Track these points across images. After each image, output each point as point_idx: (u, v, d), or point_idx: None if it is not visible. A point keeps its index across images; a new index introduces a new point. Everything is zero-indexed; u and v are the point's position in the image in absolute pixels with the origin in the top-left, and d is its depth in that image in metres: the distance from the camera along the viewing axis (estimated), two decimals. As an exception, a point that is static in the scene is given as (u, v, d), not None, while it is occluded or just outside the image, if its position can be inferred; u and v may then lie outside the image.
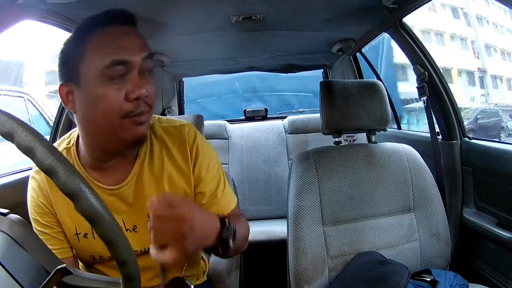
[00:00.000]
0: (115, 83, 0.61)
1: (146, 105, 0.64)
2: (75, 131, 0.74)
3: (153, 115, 0.75)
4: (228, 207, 0.78)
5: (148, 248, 0.66)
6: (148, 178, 0.72)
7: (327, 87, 1.10)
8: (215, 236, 0.61)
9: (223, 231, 0.62)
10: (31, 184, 0.73)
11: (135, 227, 0.73)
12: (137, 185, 0.72)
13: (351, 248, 1.01)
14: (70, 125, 1.33)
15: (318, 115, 1.15)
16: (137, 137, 0.66)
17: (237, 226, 0.66)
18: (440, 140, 1.33)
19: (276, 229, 1.71)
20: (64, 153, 0.72)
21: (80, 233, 0.72)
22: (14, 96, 2.23)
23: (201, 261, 0.91)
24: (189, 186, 0.75)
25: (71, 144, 0.73)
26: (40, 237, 0.66)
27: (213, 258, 1.06)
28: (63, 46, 0.67)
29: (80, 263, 0.78)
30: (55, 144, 0.76)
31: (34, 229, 0.72)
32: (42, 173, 0.64)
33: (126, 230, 0.72)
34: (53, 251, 0.66)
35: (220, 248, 0.63)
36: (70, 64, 0.64)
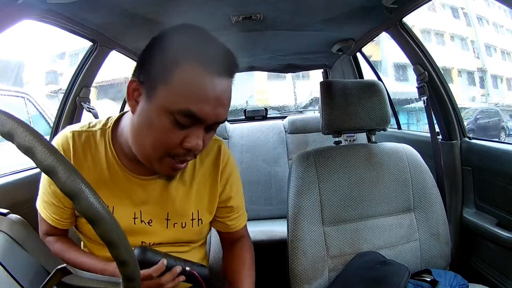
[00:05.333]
0: (180, 127, 0.60)
1: (193, 155, 0.65)
2: (114, 117, 0.74)
3: None
4: (244, 222, 0.88)
5: (157, 243, 0.75)
6: (176, 182, 0.75)
7: (327, 87, 1.10)
8: None
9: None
10: None
11: (150, 221, 0.74)
12: (165, 184, 0.74)
13: (351, 248, 1.01)
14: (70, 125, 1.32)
15: (318, 115, 1.15)
16: (168, 176, 0.72)
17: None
18: (440, 140, 1.33)
19: (276, 229, 1.71)
20: (98, 134, 0.72)
21: None
22: (14, 96, 2.23)
23: None
24: (213, 198, 0.80)
25: (107, 127, 0.73)
26: (42, 205, 0.74)
27: (213, 257, 1.06)
28: (154, 43, 0.62)
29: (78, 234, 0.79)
30: (85, 123, 0.76)
31: (39, 197, 0.74)
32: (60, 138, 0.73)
33: (141, 221, 0.74)
34: (52, 218, 0.73)
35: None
36: (152, 71, 0.60)
